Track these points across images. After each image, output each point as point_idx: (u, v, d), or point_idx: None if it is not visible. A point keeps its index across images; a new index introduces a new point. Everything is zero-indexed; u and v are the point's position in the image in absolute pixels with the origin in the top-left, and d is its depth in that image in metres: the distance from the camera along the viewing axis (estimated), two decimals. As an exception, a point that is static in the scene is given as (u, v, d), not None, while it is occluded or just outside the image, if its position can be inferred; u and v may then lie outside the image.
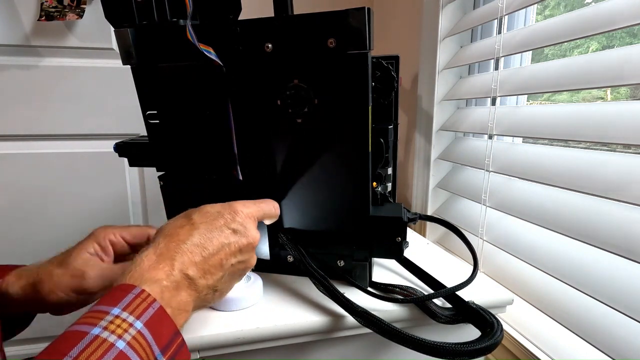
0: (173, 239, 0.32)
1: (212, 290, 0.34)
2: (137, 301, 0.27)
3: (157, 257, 0.31)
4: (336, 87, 0.40)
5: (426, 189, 0.76)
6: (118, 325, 0.25)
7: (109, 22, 0.42)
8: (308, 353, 0.45)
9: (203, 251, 0.33)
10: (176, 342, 0.28)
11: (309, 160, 0.44)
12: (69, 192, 0.94)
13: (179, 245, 0.32)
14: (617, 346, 0.40)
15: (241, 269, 0.37)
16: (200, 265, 0.32)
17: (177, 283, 0.31)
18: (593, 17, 0.43)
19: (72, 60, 0.88)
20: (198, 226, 0.34)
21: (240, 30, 0.41)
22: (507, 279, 0.57)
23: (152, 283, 0.29)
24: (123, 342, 0.25)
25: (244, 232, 0.36)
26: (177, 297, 0.30)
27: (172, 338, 0.28)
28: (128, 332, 0.25)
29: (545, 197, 0.52)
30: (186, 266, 0.31)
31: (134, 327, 0.26)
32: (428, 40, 0.71)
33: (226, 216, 0.36)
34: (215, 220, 0.35)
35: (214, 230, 0.34)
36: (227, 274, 0.35)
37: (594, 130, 0.43)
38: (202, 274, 0.32)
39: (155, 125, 0.47)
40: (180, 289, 0.31)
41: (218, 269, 0.34)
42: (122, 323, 0.25)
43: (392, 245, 0.47)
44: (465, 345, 0.36)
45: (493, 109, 0.59)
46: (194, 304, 0.32)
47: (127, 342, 0.25)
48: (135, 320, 0.26)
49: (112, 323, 0.25)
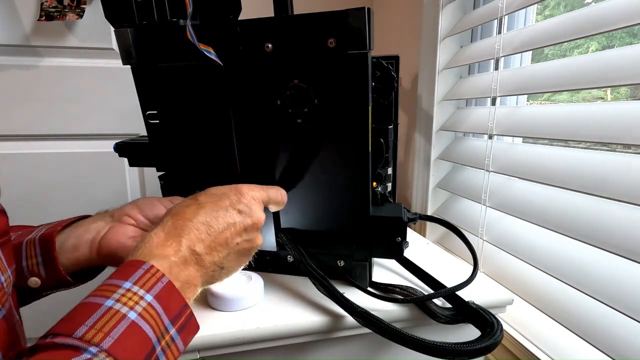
0: (180, 218, 0.34)
1: (219, 267, 0.35)
2: (147, 276, 0.28)
3: (166, 235, 0.32)
4: (336, 87, 0.40)
5: (426, 189, 0.76)
6: (130, 298, 0.27)
7: (109, 22, 0.42)
8: (308, 353, 0.45)
9: (209, 229, 0.34)
10: (185, 313, 0.30)
11: (309, 160, 0.44)
12: (69, 192, 0.94)
13: (185, 223, 0.33)
14: (617, 346, 0.40)
15: (247, 248, 0.37)
16: (206, 242, 0.34)
17: (185, 259, 0.32)
18: (593, 17, 0.43)
19: (72, 60, 0.88)
20: (204, 205, 0.35)
21: (240, 30, 0.41)
22: (507, 279, 0.57)
23: (161, 259, 0.30)
24: (135, 313, 0.26)
25: (249, 212, 0.37)
26: (184, 272, 0.32)
27: (181, 310, 0.29)
28: (139, 304, 0.27)
29: (545, 197, 0.52)
30: (193, 243, 0.33)
31: (144, 300, 0.27)
32: (428, 40, 0.71)
33: (232, 197, 0.37)
34: (220, 200, 0.36)
35: (220, 209, 0.35)
36: (233, 252, 0.36)
37: (594, 130, 0.43)
38: (208, 251, 0.34)
39: (155, 125, 0.47)
40: (187, 265, 0.32)
41: (224, 246, 0.35)
42: (134, 296, 0.27)
43: (392, 245, 0.47)
44: (465, 345, 0.36)
45: (493, 109, 0.59)
46: (202, 279, 0.34)
47: (139, 313, 0.26)
48: (146, 294, 0.27)
49: (124, 296, 0.27)
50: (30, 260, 0.39)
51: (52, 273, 0.39)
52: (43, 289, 0.40)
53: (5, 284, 0.30)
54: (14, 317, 0.32)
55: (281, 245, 0.49)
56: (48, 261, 0.39)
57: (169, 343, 0.28)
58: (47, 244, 0.39)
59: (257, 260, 0.44)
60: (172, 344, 0.28)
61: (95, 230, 0.41)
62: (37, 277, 0.39)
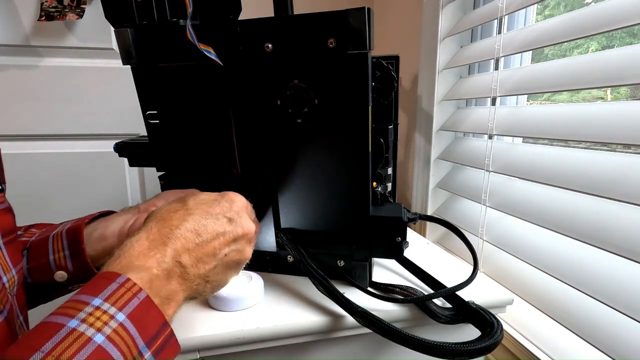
0: (166, 224, 0.31)
1: (204, 281, 0.32)
2: (121, 291, 0.25)
3: (149, 243, 0.29)
4: (336, 87, 0.40)
5: (426, 189, 0.76)
6: (97, 318, 0.23)
7: (109, 22, 0.42)
8: (308, 353, 0.45)
9: (197, 237, 0.31)
10: (164, 333, 0.26)
11: (309, 161, 0.44)
12: (69, 192, 0.94)
13: (172, 230, 0.30)
14: (617, 346, 0.40)
15: (235, 260, 0.35)
16: (193, 253, 0.31)
17: (169, 272, 0.29)
18: (593, 17, 0.43)
19: (72, 60, 0.88)
20: (193, 212, 0.32)
21: (240, 30, 0.41)
22: (507, 279, 0.57)
23: (141, 271, 0.27)
24: (102, 335, 0.23)
25: (239, 222, 0.34)
26: (167, 286, 0.29)
27: (159, 330, 0.26)
28: (108, 325, 0.23)
29: (545, 197, 0.52)
30: (179, 253, 0.30)
31: (115, 320, 0.24)
32: (428, 40, 0.71)
33: (223, 204, 0.34)
34: (210, 207, 0.33)
35: (209, 217, 0.33)
36: (220, 264, 0.33)
37: (594, 130, 0.43)
38: (194, 262, 0.31)
39: (155, 125, 0.47)
40: (170, 278, 0.29)
41: (211, 258, 0.32)
42: (103, 315, 0.24)
43: (392, 245, 0.47)
44: (465, 344, 0.36)
45: (493, 109, 0.59)
46: (184, 294, 0.30)
47: (107, 335, 0.23)
48: (117, 312, 0.24)
49: (92, 315, 0.23)
50: (58, 254, 0.39)
51: (79, 265, 0.39)
52: (69, 283, 0.40)
53: (7, 285, 0.29)
54: (16, 319, 0.31)
55: (281, 245, 0.49)
56: (76, 253, 0.39)
57: None
58: (76, 236, 0.39)
59: (257, 260, 0.44)
60: None
61: (122, 221, 0.41)
62: (64, 271, 0.39)
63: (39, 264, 0.39)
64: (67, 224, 0.41)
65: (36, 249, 0.39)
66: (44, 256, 0.39)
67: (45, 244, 0.39)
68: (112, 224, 0.41)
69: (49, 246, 0.39)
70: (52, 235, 0.40)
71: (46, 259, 0.39)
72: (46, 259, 0.39)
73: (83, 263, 0.39)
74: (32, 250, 0.39)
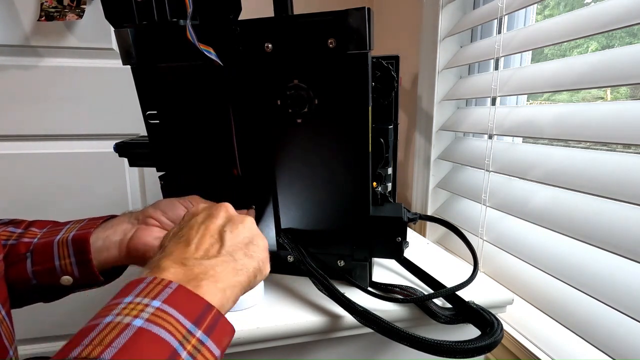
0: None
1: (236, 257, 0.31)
2: (151, 286, 0.25)
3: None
4: (336, 87, 0.40)
5: (426, 189, 0.76)
6: (132, 309, 0.23)
7: (109, 22, 0.42)
8: (308, 353, 0.45)
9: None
10: (210, 313, 0.25)
11: (309, 161, 0.44)
12: (69, 192, 0.94)
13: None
14: (616, 346, 0.40)
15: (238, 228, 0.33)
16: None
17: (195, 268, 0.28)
18: (593, 17, 0.43)
19: (72, 60, 0.88)
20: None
21: (240, 30, 0.41)
22: (507, 279, 0.57)
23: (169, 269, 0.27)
24: (140, 320, 0.22)
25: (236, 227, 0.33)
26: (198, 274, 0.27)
27: (203, 310, 0.25)
28: (145, 311, 0.23)
29: (545, 197, 0.52)
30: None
31: (151, 306, 0.23)
32: (428, 40, 0.71)
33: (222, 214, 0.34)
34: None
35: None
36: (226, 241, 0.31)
37: (594, 130, 0.43)
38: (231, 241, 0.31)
39: (155, 125, 0.47)
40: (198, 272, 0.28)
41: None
42: (137, 305, 0.23)
43: (392, 245, 0.47)
44: (465, 343, 0.36)
45: (493, 109, 0.59)
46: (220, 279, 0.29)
47: (146, 319, 0.22)
48: (152, 300, 0.24)
49: (126, 308, 0.23)
50: (64, 261, 0.40)
51: (86, 272, 0.40)
52: (74, 287, 0.41)
53: None
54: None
55: (281, 245, 0.49)
56: (84, 262, 0.40)
57: (198, 347, 0.23)
58: (82, 246, 0.40)
59: None
60: (202, 348, 0.23)
61: (122, 233, 0.41)
62: (70, 276, 0.40)
63: (45, 268, 0.39)
64: (72, 228, 0.41)
65: (41, 253, 0.40)
66: (49, 261, 0.39)
67: (50, 249, 0.40)
68: (113, 234, 0.41)
69: (54, 252, 0.40)
70: (57, 241, 0.40)
71: (52, 264, 0.39)
72: (52, 264, 0.39)
73: (89, 270, 0.40)
74: (37, 254, 0.40)
